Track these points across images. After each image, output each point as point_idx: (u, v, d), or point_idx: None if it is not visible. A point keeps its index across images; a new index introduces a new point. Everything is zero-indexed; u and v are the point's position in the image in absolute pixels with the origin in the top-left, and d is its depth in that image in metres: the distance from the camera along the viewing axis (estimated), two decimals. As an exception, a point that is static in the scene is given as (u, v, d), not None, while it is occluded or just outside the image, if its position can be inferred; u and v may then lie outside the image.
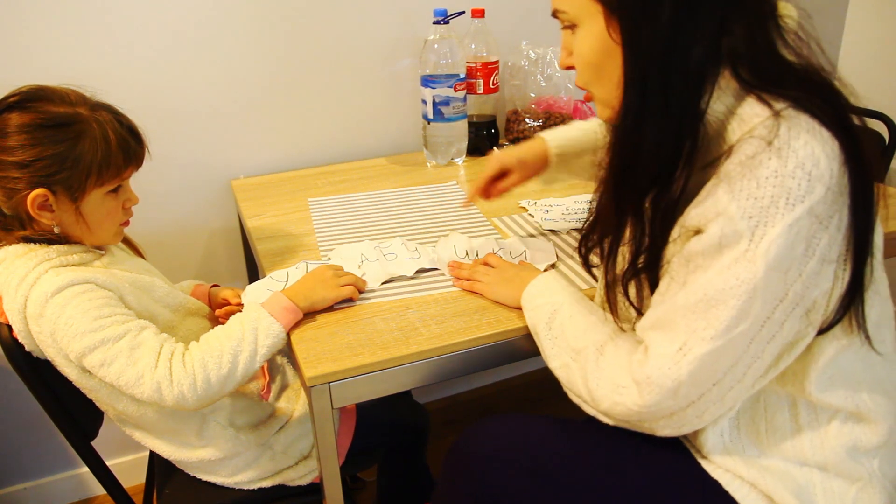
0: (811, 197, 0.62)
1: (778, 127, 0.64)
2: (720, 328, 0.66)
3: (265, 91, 1.51)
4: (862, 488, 0.75)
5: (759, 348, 0.67)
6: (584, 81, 0.79)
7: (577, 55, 0.77)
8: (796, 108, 0.66)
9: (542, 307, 0.88)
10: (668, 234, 0.73)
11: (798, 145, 0.63)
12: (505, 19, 1.61)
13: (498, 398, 2.02)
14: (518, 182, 1.13)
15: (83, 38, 1.33)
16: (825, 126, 0.65)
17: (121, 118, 0.93)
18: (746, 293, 0.64)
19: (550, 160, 1.13)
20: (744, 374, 0.68)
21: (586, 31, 0.74)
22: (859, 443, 0.75)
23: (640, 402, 0.71)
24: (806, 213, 0.62)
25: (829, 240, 0.64)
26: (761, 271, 0.63)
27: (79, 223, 0.91)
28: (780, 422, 0.77)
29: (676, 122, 0.69)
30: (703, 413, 0.71)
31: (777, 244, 0.63)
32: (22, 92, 0.88)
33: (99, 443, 1.03)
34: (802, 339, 0.70)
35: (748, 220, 0.63)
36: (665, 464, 0.81)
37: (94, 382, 0.93)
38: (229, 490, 1.06)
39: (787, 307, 0.65)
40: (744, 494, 0.76)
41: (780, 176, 0.62)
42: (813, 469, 0.76)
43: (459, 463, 0.89)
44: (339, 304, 0.99)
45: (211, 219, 1.56)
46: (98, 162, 0.88)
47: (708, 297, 0.66)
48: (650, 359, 0.71)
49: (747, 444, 0.78)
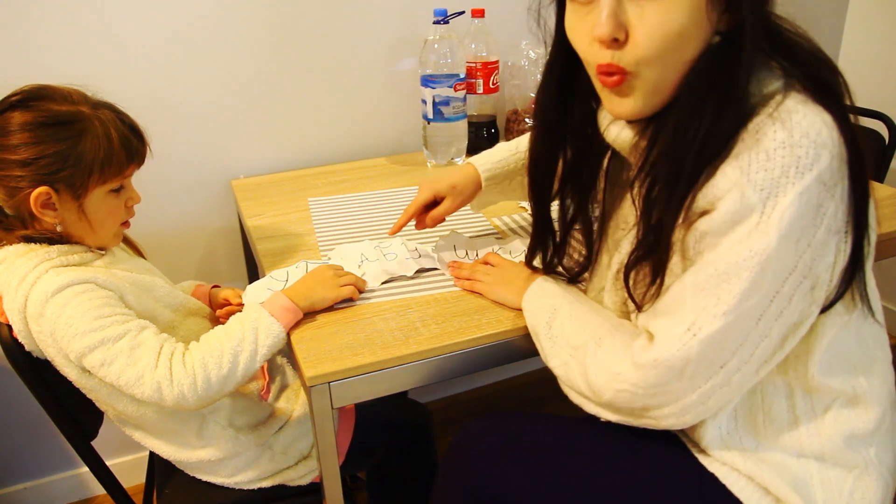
0: (819, 164, 0.63)
1: (778, 104, 0.66)
2: (732, 302, 0.66)
3: (265, 91, 1.51)
4: (858, 476, 0.76)
5: (767, 326, 0.67)
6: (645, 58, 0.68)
7: (659, 24, 0.66)
8: (790, 88, 0.67)
9: (542, 308, 0.88)
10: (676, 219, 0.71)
11: (798, 117, 0.64)
12: (505, 19, 1.61)
13: (498, 398, 2.02)
14: (451, 209, 1.10)
15: (83, 38, 1.33)
16: (816, 101, 0.66)
17: (123, 116, 0.93)
18: (759, 264, 0.65)
19: (482, 184, 1.10)
20: (751, 354, 0.68)
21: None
22: (856, 430, 0.76)
23: (643, 385, 0.71)
24: (815, 180, 0.63)
25: (834, 208, 0.65)
26: (774, 241, 0.64)
27: (81, 221, 0.91)
28: (777, 412, 0.77)
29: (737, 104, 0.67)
30: (709, 399, 0.70)
31: (790, 212, 0.63)
32: (24, 91, 0.88)
33: (99, 443, 1.03)
34: (807, 319, 0.69)
35: (760, 192, 0.64)
36: (662, 458, 0.81)
37: (93, 382, 0.93)
38: (229, 490, 1.06)
39: (796, 279, 0.66)
40: (741, 487, 0.76)
41: (788, 146, 0.63)
42: (810, 460, 0.76)
43: (457, 459, 0.89)
44: (339, 304, 0.99)
45: (211, 219, 1.56)
46: (101, 160, 0.89)
47: (719, 273, 0.66)
48: (657, 343, 0.70)
49: (745, 435, 0.78)
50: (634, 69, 0.69)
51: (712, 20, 0.66)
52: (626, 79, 0.70)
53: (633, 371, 0.71)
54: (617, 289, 0.84)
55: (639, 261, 0.76)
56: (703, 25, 0.66)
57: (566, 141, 0.88)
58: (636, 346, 0.73)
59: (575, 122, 0.86)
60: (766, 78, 0.69)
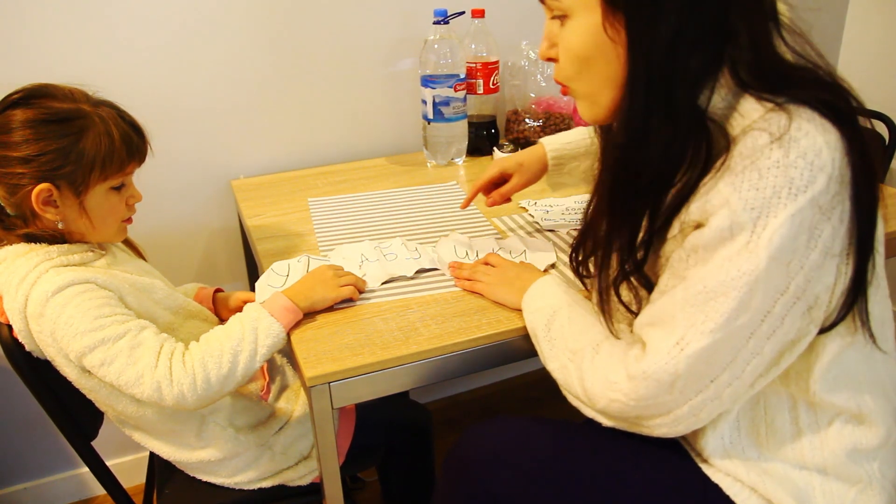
0: (814, 187, 0.62)
1: (779, 119, 0.64)
2: (720, 321, 0.65)
3: (265, 91, 1.51)
4: (861, 490, 0.75)
5: (758, 344, 0.67)
6: (566, 76, 0.77)
7: (566, 48, 0.75)
8: (796, 103, 0.66)
9: (541, 310, 0.88)
10: (666, 231, 0.72)
11: (799, 135, 0.63)
12: (505, 19, 1.61)
13: (498, 398, 2.02)
14: (518, 186, 1.14)
15: (84, 38, 1.33)
16: (825, 117, 0.64)
17: (123, 114, 0.94)
18: (747, 285, 0.64)
19: (548, 164, 1.13)
20: (742, 370, 0.68)
21: (579, 23, 0.72)
22: (859, 445, 0.75)
23: (634, 396, 0.71)
24: (808, 203, 0.62)
25: (831, 231, 0.64)
26: (763, 262, 0.63)
27: (82, 219, 0.91)
28: (780, 423, 0.77)
29: (683, 120, 0.68)
30: (700, 412, 0.70)
31: (780, 234, 0.62)
32: (26, 89, 0.89)
33: (99, 443, 1.03)
34: (804, 338, 0.69)
35: (750, 211, 0.63)
36: (665, 467, 0.81)
37: (93, 382, 0.93)
38: (229, 490, 1.06)
39: (788, 301, 0.65)
40: (745, 498, 0.76)
41: (783, 166, 0.62)
42: (812, 472, 0.76)
43: (458, 466, 0.89)
44: (339, 304, 0.99)
45: (211, 219, 1.56)
46: (101, 157, 0.89)
47: (708, 290, 0.66)
48: (648, 354, 0.70)
49: (747, 446, 0.78)
50: (565, 83, 0.78)
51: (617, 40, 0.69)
52: (567, 90, 0.78)
53: (626, 381, 0.72)
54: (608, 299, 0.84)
55: (626, 276, 0.76)
56: (608, 46, 0.70)
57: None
58: (630, 356, 0.73)
59: None
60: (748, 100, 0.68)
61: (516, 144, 1.59)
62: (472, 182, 1.15)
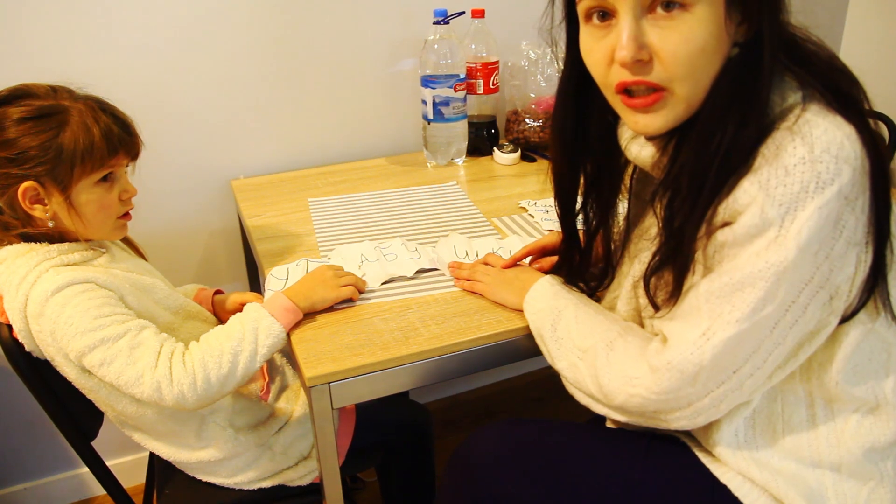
0: (840, 179, 0.63)
1: (797, 117, 0.65)
2: (746, 311, 0.66)
3: (265, 91, 1.51)
4: (873, 489, 0.75)
5: (781, 334, 0.67)
6: (672, 75, 0.68)
7: (685, 40, 0.66)
8: (810, 100, 0.67)
9: (545, 311, 0.88)
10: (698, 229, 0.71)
11: (818, 132, 0.64)
12: (505, 19, 1.61)
13: (499, 398, 2.02)
14: None
15: (83, 38, 1.33)
16: (837, 113, 0.66)
17: (106, 106, 0.93)
18: (775, 276, 0.65)
19: None
20: (764, 360, 0.68)
21: (704, 14, 0.65)
22: (876, 443, 0.75)
23: (657, 390, 0.71)
24: (835, 194, 0.63)
25: (854, 221, 0.65)
26: (792, 253, 0.64)
27: (72, 215, 0.91)
28: (797, 421, 0.77)
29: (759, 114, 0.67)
30: (721, 402, 0.71)
31: (808, 226, 0.63)
32: (9, 89, 0.89)
33: (99, 443, 1.03)
34: (823, 329, 0.69)
35: (779, 207, 0.64)
36: (672, 469, 0.81)
37: (93, 382, 0.93)
38: (229, 490, 1.06)
39: (812, 290, 0.66)
40: (753, 499, 0.76)
41: (809, 161, 0.63)
42: (825, 471, 0.76)
43: (462, 469, 0.89)
44: (339, 305, 0.99)
45: (211, 219, 1.56)
46: (81, 151, 0.88)
47: (734, 282, 0.67)
48: (671, 346, 0.70)
49: (762, 443, 0.77)
50: (668, 86, 0.69)
51: (731, 33, 0.67)
52: (662, 96, 0.69)
53: (649, 374, 0.72)
54: (631, 297, 0.84)
55: (660, 266, 0.76)
56: (723, 39, 0.67)
57: (586, 157, 0.88)
58: (651, 349, 0.73)
59: (593, 139, 0.86)
60: (784, 90, 0.69)
61: (516, 145, 1.59)
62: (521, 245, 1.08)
